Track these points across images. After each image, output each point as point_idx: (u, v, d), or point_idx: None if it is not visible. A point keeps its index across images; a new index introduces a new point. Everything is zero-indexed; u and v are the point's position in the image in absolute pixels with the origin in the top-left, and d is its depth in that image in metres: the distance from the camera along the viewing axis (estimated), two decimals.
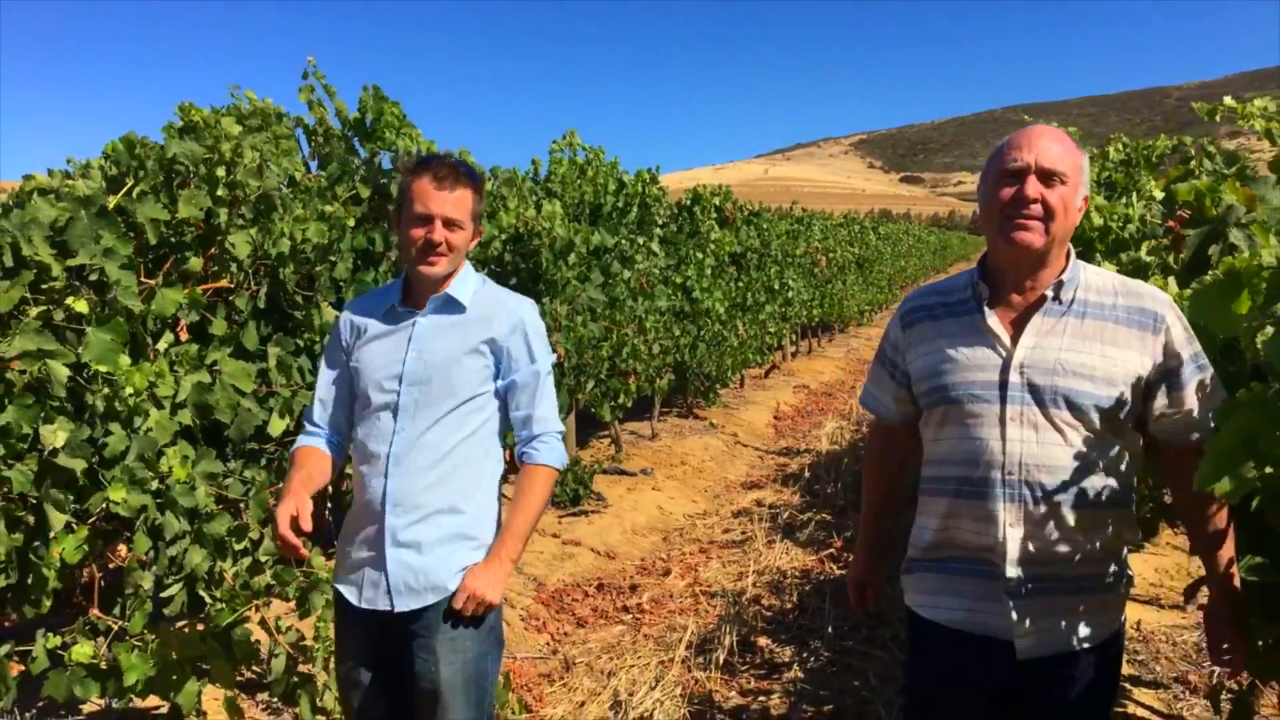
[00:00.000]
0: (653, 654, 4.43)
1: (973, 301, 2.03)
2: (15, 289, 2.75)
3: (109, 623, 3.22)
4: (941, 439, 2.05)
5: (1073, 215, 1.92)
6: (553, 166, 6.41)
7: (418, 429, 2.34)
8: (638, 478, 7.56)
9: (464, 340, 2.37)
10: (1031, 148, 1.91)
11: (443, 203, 2.29)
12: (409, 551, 2.33)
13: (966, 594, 2.01)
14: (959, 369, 2.00)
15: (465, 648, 2.34)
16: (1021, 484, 1.92)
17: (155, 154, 3.13)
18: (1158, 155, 5.27)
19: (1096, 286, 1.97)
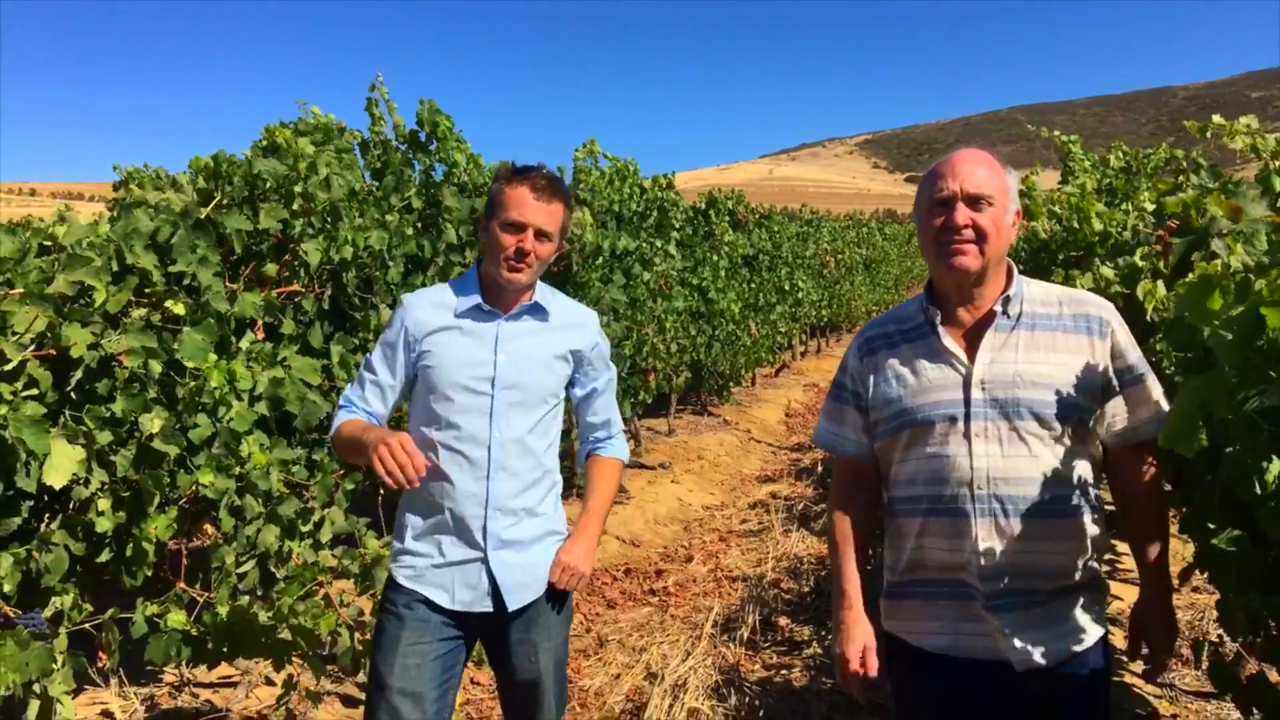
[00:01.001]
0: (680, 632, 4.75)
1: (926, 325, 2.07)
2: (123, 293, 3.08)
3: (193, 595, 3.54)
4: (908, 460, 2.06)
5: (1005, 233, 1.98)
6: (577, 175, 6.73)
7: (516, 432, 2.37)
8: (657, 471, 7.88)
9: (551, 347, 2.43)
10: (956, 175, 1.97)
11: (537, 213, 2.31)
12: (509, 552, 2.37)
13: (947, 618, 2.01)
14: (922, 391, 2.03)
15: (555, 634, 2.45)
16: (991, 498, 1.94)
17: (242, 170, 3.45)
18: (1154, 165, 5.58)
19: (1041, 299, 2.04)
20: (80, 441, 2.90)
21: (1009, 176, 2.03)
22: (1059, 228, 5.62)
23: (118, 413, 3.08)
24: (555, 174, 2.42)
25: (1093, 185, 5.78)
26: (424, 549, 2.40)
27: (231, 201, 3.48)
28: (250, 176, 3.49)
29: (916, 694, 2.11)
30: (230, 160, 3.55)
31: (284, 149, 3.60)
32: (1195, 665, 4.08)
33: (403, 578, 2.40)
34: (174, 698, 3.85)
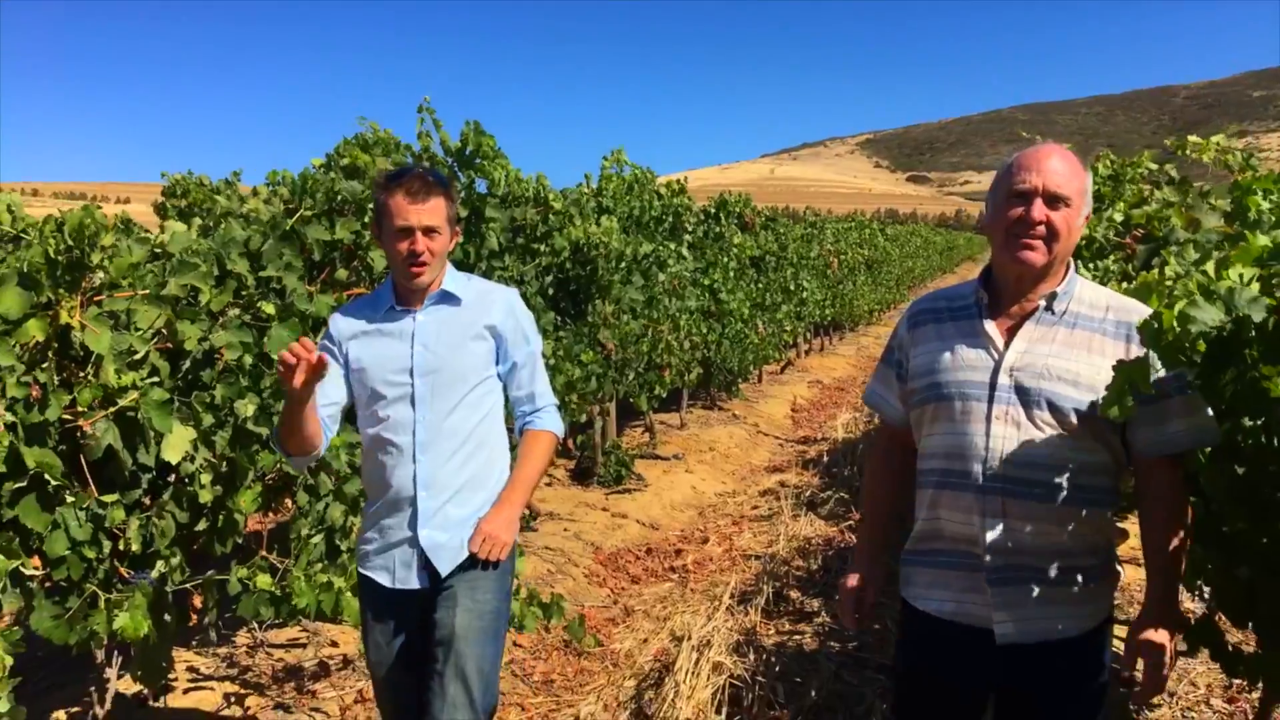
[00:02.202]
0: (700, 603, 5.20)
1: (974, 308, 2.13)
2: (224, 294, 3.53)
3: (274, 561, 3.99)
4: (932, 434, 2.15)
5: (1075, 235, 2.03)
6: (602, 182, 7.18)
7: (439, 415, 2.50)
8: (671, 462, 8.34)
9: (466, 328, 2.55)
10: (1040, 170, 1.98)
11: (419, 214, 2.42)
12: (440, 532, 2.51)
13: (954, 586, 2.11)
14: (953, 368, 2.10)
15: (483, 600, 2.51)
16: (1001, 477, 2.01)
17: (324, 188, 3.90)
18: (1136, 173, 6.00)
19: (1089, 301, 2.08)
20: (191, 423, 3.35)
21: (1088, 179, 2.06)
22: None
23: (217, 399, 3.52)
24: (428, 170, 2.52)
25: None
26: (371, 535, 2.59)
27: (312, 214, 3.93)
28: (331, 193, 3.94)
29: (919, 653, 2.23)
30: (312, 177, 4.00)
31: (362, 170, 4.04)
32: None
33: (362, 566, 2.62)
34: (250, 656, 4.30)
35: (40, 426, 2.88)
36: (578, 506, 6.84)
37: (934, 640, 2.16)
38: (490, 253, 5.16)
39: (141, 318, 3.22)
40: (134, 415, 3.09)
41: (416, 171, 2.50)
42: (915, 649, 2.25)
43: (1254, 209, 3.23)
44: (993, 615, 2.03)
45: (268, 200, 4.13)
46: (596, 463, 7.51)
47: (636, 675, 4.37)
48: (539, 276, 5.90)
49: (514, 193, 5.40)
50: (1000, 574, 2.03)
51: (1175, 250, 2.72)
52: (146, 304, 3.22)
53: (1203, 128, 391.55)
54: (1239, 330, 1.78)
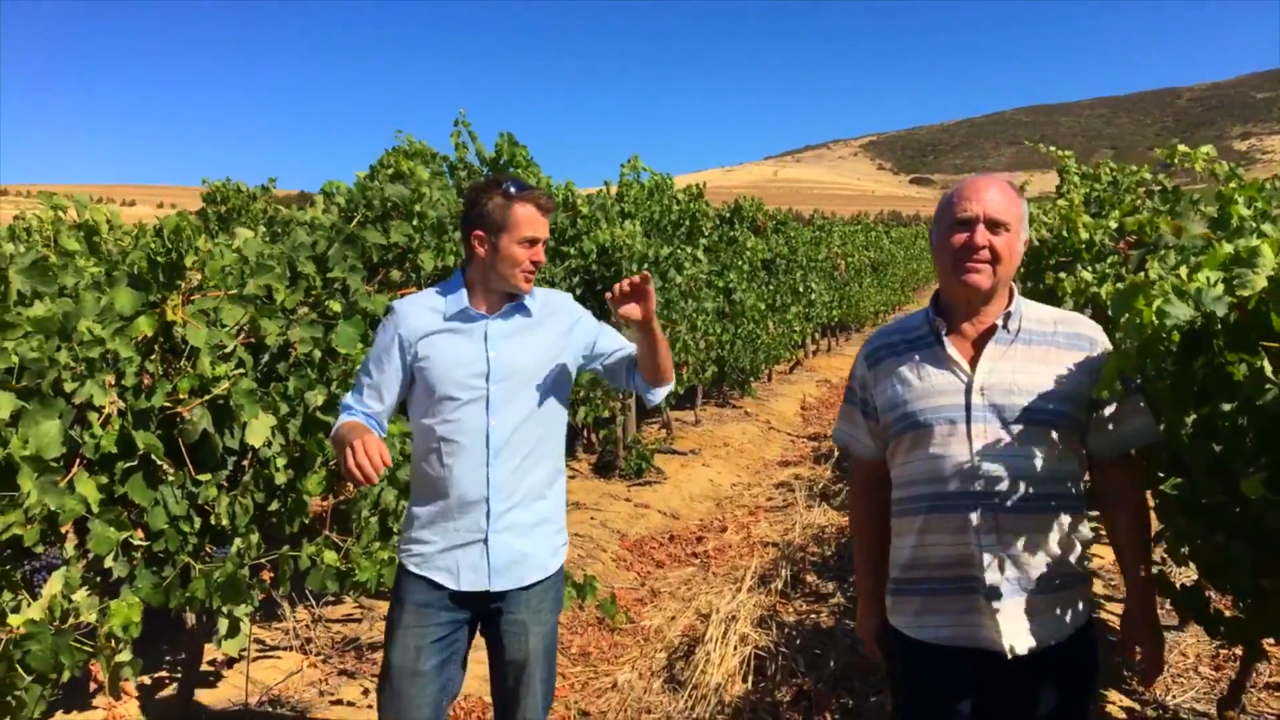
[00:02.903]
0: (723, 584, 5.54)
1: (931, 335, 2.21)
2: (296, 294, 3.87)
3: (335, 540, 4.32)
4: (911, 461, 2.19)
5: (1016, 259, 2.14)
6: (622, 188, 7.52)
7: (512, 422, 2.55)
8: (688, 456, 8.67)
9: (539, 339, 2.62)
10: (980, 200, 2.10)
11: (545, 228, 2.58)
12: (509, 535, 2.56)
13: (949, 610, 2.14)
14: (926, 395, 2.16)
15: (545, 620, 2.63)
16: (989, 495, 2.08)
17: (378, 194, 4.24)
18: (1133, 181, 6.35)
19: (1037, 318, 2.20)
20: (270, 411, 3.69)
21: (1024, 206, 2.18)
22: (1050, 235, 6.39)
23: (290, 390, 3.86)
24: (542, 190, 2.68)
25: (1080, 198, 6.54)
26: (430, 536, 2.58)
27: (367, 219, 4.27)
28: (383, 199, 4.28)
29: (919, 682, 2.25)
30: (367, 185, 4.35)
31: (407, 175, 4.38)
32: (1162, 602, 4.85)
33: (411, 565, 2.61)
34: (311, 629, 4.64)
35: (146, 412, 3.22)
36: (602, 497, 7.19)
37: (932, 666, 2.19)
38: None
39: (228, 315, 3.56)
40: (225, 403, 3.42)
41: (542, 190, 2.66)
42: (912, 676, 2.27)
43: (1235, 216, 3.57)
44: (994, 631, 2.07)
45: (325, 209, 4.47)
46: (618, 456, 7.85)
47: (667, 648, 4.71)
48: (568, 277, 6.24)
49: None
50: (999, 590, 2.07)
51: (1159, 255, 3.04)
52: (232, 303, 3.56)
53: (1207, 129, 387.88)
54: (1207, 324, 2.12)
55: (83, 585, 3.04)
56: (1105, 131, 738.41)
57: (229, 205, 8.05)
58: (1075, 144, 39.30)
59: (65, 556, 3.09)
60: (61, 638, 2.78)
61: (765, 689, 4.22)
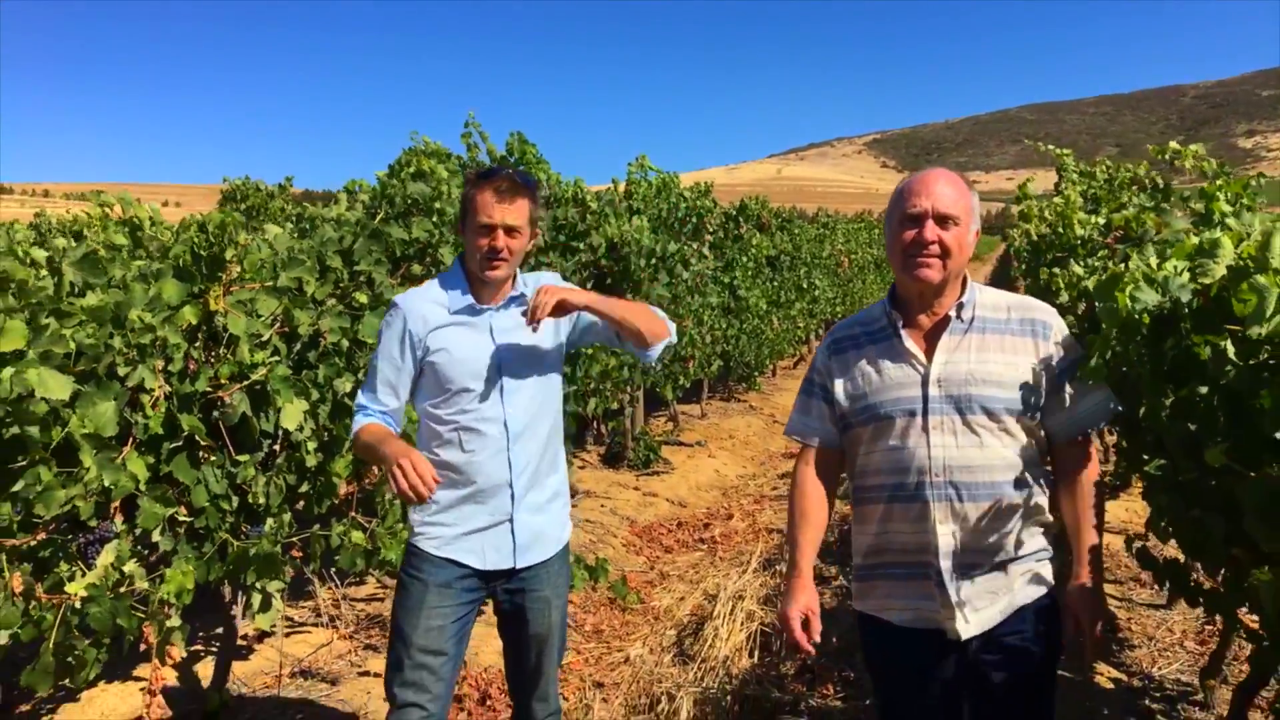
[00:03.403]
0: (729, 567, 5.75)
1: (889, 328, 2.25)
2: (325, 286, 4.08)
3: (361, 521, 4.53)
4: (873, 451, 2.24)
5: (966, 251, 2.17)
6: (630, 186, 7.73)
7: (525, 406, 2.65)
8: (694, 448, 8.88)
9: (540, 328, 2.62)
10: (929, 194, 2.13)
11: (504, 213, 2.52)
12: (529, 513, 2.67)
13: (909, 595, 2.21)
14: (885, 388, 2.21)
15: (563, 594, 2.78)
16: (946, 484, 2.13)
17: (400, 192, 4.45)
18: (1126, 178, 6.54)
19: (991, 305, 2.24)
20: (302, 397, 3.90)
21: (973, 198, 2.20)
22: (1048, 231, 6.59)
23: (320, 377, 4.07)
24: (518, 172, 2.63)
25: (1076, 195, 6.74)
26: (451, 520, 2.64)
27: (390, 216, 4.48)
28: (405, 196, 4.49)
29: (887, 663, 2.33)
30: (388, 183, 4.56)
31: (428, 174, 4.60)
32: (1151, 582, 5.06)
33: (430, 546, 2.65)
34: (336, 608, 4.86)
35: (190, 396, 3.43)
36: (611, 486, 7.40)
37: (898, 648, 2.24)
38: (537, 249, 5.72)
39: (263, 306, 3.77)
40: (262, 388, 3.63)
41: (507, 171, 2.58)
42: (882, 658, 2.34)
43: (1218, 213, 3.78)
44: (948, 615, 2.14)
45: (350, 205, 4.68)
46: (626, 447, 8.06)
47: (676, 626, 4.92)
48: (578, 271, 6.45)
49: (555, 194, 5.95)
50: (952, 575, 2.13)
51: (1141, 249, 3.25)
52: (267, 294, 3.77)
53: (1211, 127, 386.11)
54: (1175, 309, 2.32)
55: (132, 558, 3.26)
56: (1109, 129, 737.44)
57: (249, 202, 8.28)
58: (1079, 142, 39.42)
59: (116, 530, 3.30)
60: (119, 602, 2.99)
61: (770, 663, 4.43)
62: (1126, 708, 3.82)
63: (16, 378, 2.78)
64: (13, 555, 2.90)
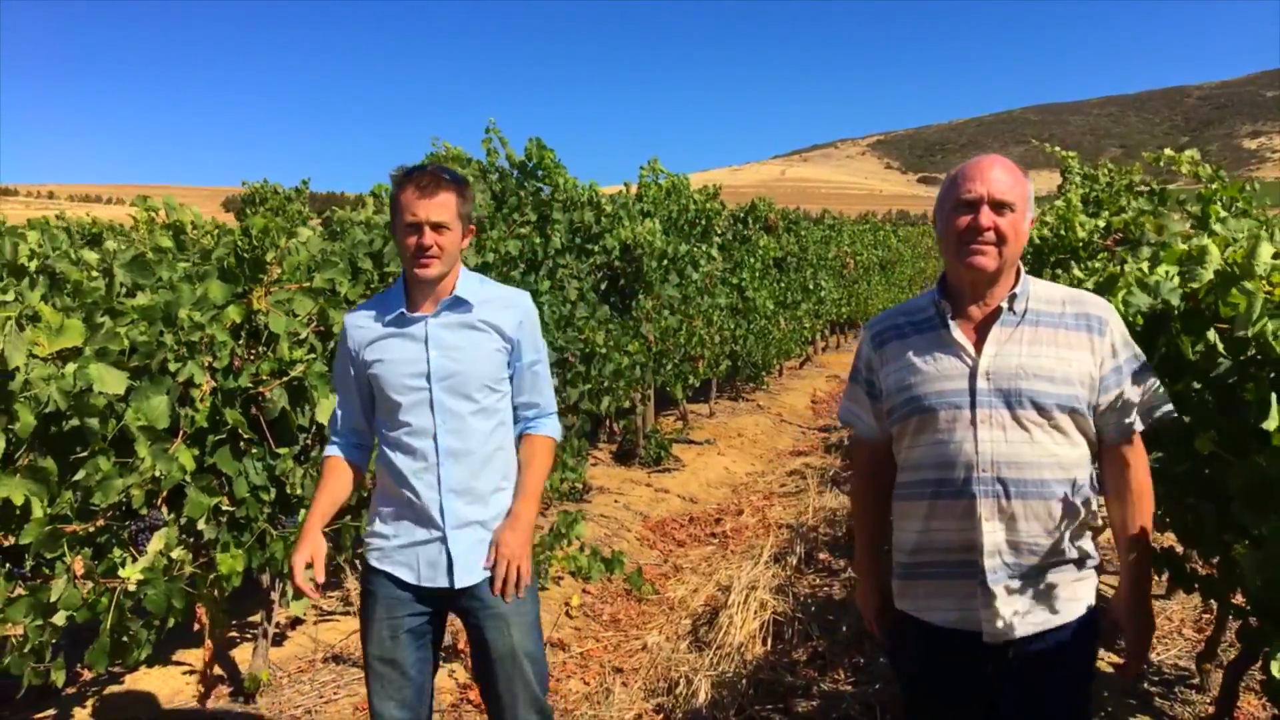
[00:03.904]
0: (741, 560, 5.92)
1: (936, 318, 2.16)
2: (358, 287, 4.26)
3: None
4: (917, 445, 2.16)
5: (1022, 239, 2.08)
6: (641, 188, 7.91)
7: (459, 420, 2.50)
8: (703, 446, 9.06)
9: (479, 333, 2.53)
10: (984, 180, 2.05)
11: (428, 209, 2.40)
12: (471, 530, 2.52)
13: (954, 594, 2.12)
14: (930, 380, 2.12)
15: (526, 610, 2.58)
16: (994, 480, 2.04)
17: None
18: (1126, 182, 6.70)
19: (1045, 297, 2.14)
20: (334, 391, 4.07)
21: (1029, 186, 2.12)
22: (1050, 234, 6.76)
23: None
24: (440, 167, 2.51)
25: (1078, 198, 6.90)
26: (389, 531, 2.56)
27: None
28: None
29: (922, 665, 2.25)
30: None
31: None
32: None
33: (372, 559, 2.58)
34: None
35: (233, 391, 3.61)
36: (624, 483, 7.58)
37: (937, 649, 2.18)
38: (555, 251, 5.90)
39: (299, 305, 3.95)
40: (299, 384, 3.81)
41: (429, 168, 2.49)
42: (918, 659, 2.27)
43: (1214, 216, 3.96)
44: (991, 616, 2.07)
45: (377, 209, 4.86)
46: (638, 445, 8.24)
47: (691, 615, 5.10)
48: (593, 273, 6.63)
49: (573, 198, 6.13)
50: (997, 575, 2.06)
51: (1136, 251, 3.42)
52: (303, 295, 3.95)
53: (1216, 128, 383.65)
54: (1165, 310, 2.50)
55: (179, 545, 3.44)
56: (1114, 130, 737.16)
57: (267, 205, 8.47)
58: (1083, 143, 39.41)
59: (164, 519, 3.48)
60: (173, 584, 3.17)
61: (783, 650, 4.60)
62: (1125, 691, 3.98)
63: (79, 372, 2.96)
64: (73, 541, 3.08)
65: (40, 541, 2.94)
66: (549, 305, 5.86)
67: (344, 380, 2.64)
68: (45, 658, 3.01)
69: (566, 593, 5.34)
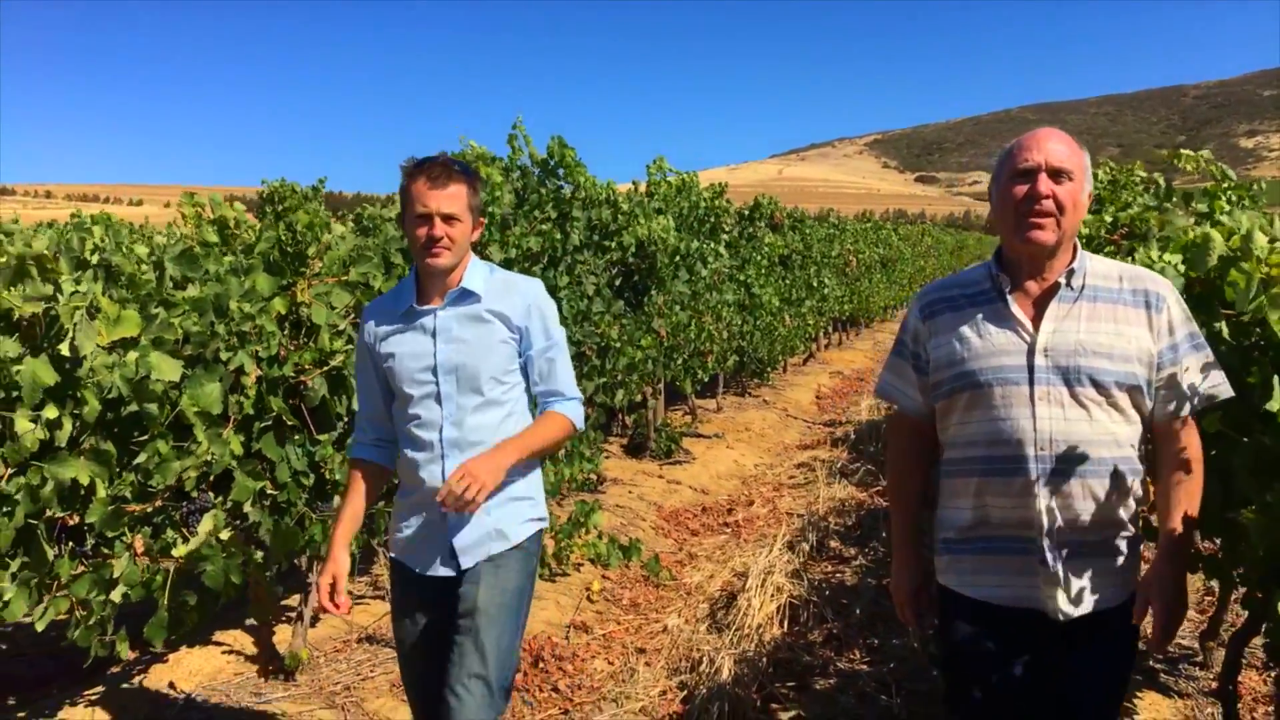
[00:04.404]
0: (755, 548, 6.08)
1: (993, 291, 2.13)
2: (390, 281, 4.41)
3: None
4: (969, 422, 2.12)
5: (1080, 209, 2.05)
6: (650, 186, 8.08)
7: (464, 412, 2.51)
8: (712, 439, 9.22)
9: (486, 324, 2.53)
10: (1041, 149, 2.04)
11: (438, 200, 2.40)
12: (475, 522, 2.53)
13: (1006, 570, 2.09)
14: (986, 354, 2.08)
15: (505, 577, 2.54)
16: (1052, 458, 2.01)
17: None
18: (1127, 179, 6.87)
19: (1103, 273, 2.11)
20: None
21: (1086, 158, 2.10)
22: None
23: None
24: (451, 159, 2.52)
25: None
26: (404, 522, 2.61)
27: None
28: None
29: (972, 642, 2.17)
30: None
31: (484, 180, 4.93)
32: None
33: (394, 549, 2.67)
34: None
35: (277, 380, 3.76)
36: (636, 474, 7.74)
37: (985, 626, 2.13)
38: (574, 248, 6.06)
39: (337, 298, 4.10)
40: (338, 373, 3.97)
41: (439, 159, 2.49)
42: (964, 636, 2.19)
43: (1219, 211, 4.12)
44: (1050, 594, 2.04)
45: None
46: (649, 438, 8.40)
47: (709, 600, 5.26)
48: (608, 269, 6.79)
49: (592, 196, 6.29)
50: (1055, 553, 2.04)
51: (1144, 244, 3.59)
52: (341, 288, 4.11)
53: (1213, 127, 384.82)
54: None
55: (225, 527, 3.60)
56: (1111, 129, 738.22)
57: (285, 204, 8.62)
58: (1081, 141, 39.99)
59: (213, 502, 3.64)
60: (231, 560, 3.33)
61: (799, 631, 4.76)
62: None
63: (141, 360, 3.12)
64: (132, 521, 3.24)
65: (104, 520, 3.10)
66: (567, 300, 6.02)
67: (364, 373, 2.67)
68: (108, 630, 3.17)
69: (587, 579, 5.49)
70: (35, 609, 3.05)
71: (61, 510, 3.04)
